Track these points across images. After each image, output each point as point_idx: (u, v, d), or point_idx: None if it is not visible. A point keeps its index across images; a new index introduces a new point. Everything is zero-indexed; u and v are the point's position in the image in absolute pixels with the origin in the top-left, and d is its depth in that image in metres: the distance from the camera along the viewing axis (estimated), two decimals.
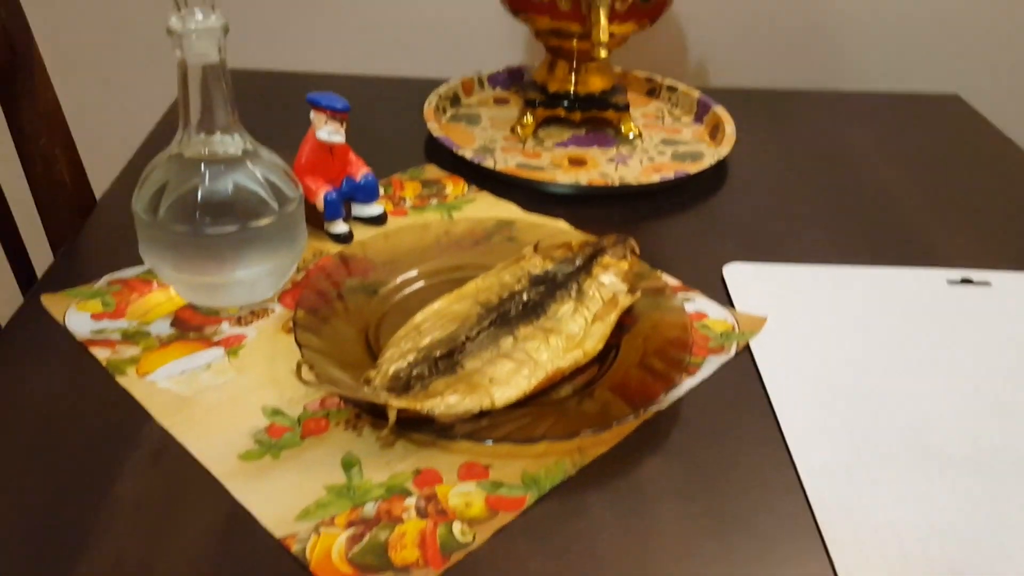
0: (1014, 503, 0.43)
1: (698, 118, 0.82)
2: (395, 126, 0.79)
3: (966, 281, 0.59)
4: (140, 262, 0.55)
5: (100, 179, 0.72)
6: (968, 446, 0.46)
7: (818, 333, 0.54)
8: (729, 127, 0.77)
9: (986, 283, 0.59)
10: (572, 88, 0.78)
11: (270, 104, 0.80)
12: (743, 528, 0.42)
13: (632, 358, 0.51)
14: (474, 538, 0.40)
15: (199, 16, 0.47)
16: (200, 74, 0.49)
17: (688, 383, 0.50)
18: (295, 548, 0.39)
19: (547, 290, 0.54)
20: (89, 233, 0.62)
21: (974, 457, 0.45)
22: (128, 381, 0.48)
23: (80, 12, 0.97)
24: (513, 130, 0.78)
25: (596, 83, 0.78)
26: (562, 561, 0.39)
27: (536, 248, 0.57)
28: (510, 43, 0.99)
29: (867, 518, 0.42)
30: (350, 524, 0.40)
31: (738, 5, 0.96)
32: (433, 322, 0.51)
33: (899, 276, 0.60)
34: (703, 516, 0.42)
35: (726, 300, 0.57)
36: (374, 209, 0.64)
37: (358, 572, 0.38)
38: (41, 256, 0.70)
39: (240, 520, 0.40)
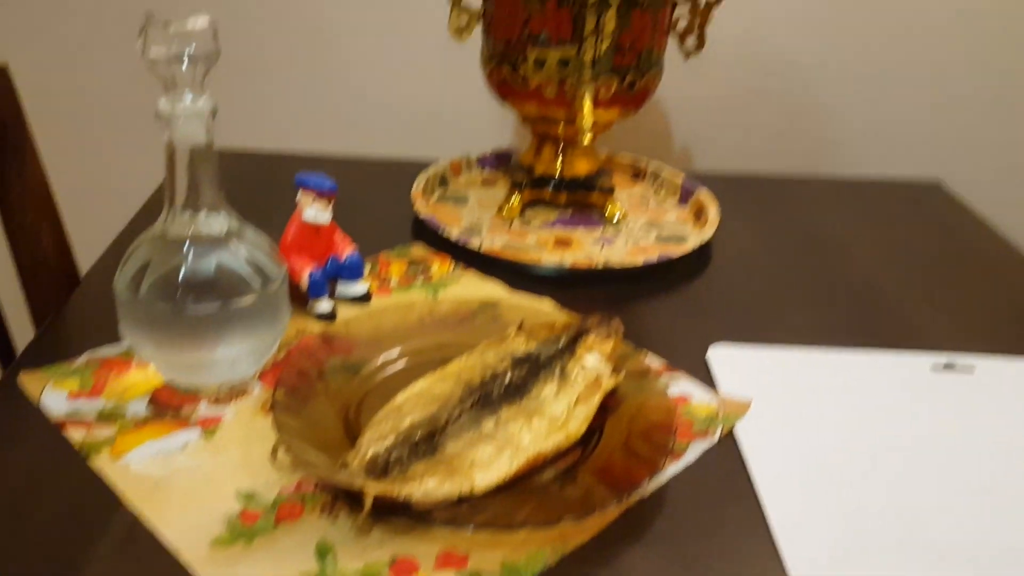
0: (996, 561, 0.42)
1: (682, 201, 0.83)
2: (384, 206, 0.80)
3: (949, 366, 0.59)
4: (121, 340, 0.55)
5: (88, 256, 0.73)
6: (958, 536, 0.45)
7: (803, 417, 0.54)
8: (712, 210, 0.78)
9: (970, 368, 0.59)
10: (558, 171, 0.79)
11: (259, 184, 0.81)
12: None
13: (616, 441, 0.51)
14: None
15: (188, 98, 0.48)
16: (187, 155, 0.50)
17: (672, 468, 0.50)
18: None
19: (530, 371, 0.53)
20: (72, 310, 0.62)
21: (964, 548, 0.45)
22: (101, 463, 0.47)
23: (72, 91, 0.99)
24: (500, 210, 0.79)
25: (582, 166, 0.79)
26: None
27: (520, 328, 0.57)
28: (498, 126, 1.01)
29: None
30: None
31: (722, 91, 0.99)
32: (414, 403, 0.50)
33: (883, 360, 0.60)
34: None
35: (710, 382, 0.57)
36: (359, 288, 0.64)
37: None
38: (23, 331, 0.69)
39: None
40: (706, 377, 0.58)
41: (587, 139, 0.69)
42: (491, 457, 0.47)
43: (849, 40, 0.97)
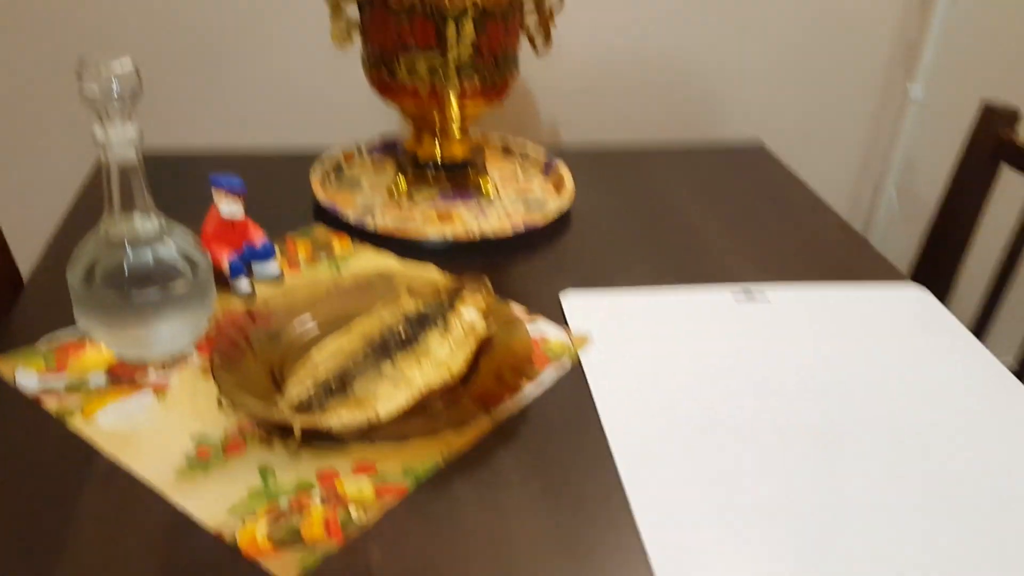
0: (799, 456, 0.58)
1: (545, 173, 0.98)
2: (288, 193, 0.92)
3: (748, 293, 0.76)
4: (70, 325, 0.66)
5: (22, 254, 0.82)
6: (754, 419, 0.62)
7: (634, 344, 0.70)
8: (568, 181, 0.92)
9: (763, 295, 0.76)
10: (438, 155, 0.92)
11: (171, 182, 0.91)
12: (571, 501, 0.55)
13: (488, 373, 0.65)
14: (366, 517, 0.52)
15: (118, 127, 0.59)
16: (120, 171, 0.61)
17: (532, 390, 0.64)
18: (227, 537, 0.50)
19: (419, 325, 0.67)
20: (24, 303, 0.72)
21: (759, 428, 0.61)
22: (76, 424, 0.58)
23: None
24: (390, 192, 0.92)
25: (458, 150, 0.92)
26: (434, 531, 0.52)
27: (410, 291, 0.71)
28: (385, 114, 1.13)
29: (665, 489, 0.56)
30: (269, 516, 0.52)
31: (575, 77, 1.13)
32: (327, 358, 0.63)
33: (698, 294, 0.76)
34: (541, 494, 0.56)
35: (563, 323, 0.72)
36: (272, 269, 0.76)
37: (276, 548, 0.50)
38: None
39: (183, 521, 0.51)
40: (560, 319, 0.73)
41: (456, 131, 0.83)
42: (390, 392, 0.60)
43: (688, 31, 1.13)
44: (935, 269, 0.91)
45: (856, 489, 0.56)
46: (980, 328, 0.88)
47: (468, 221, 0.88)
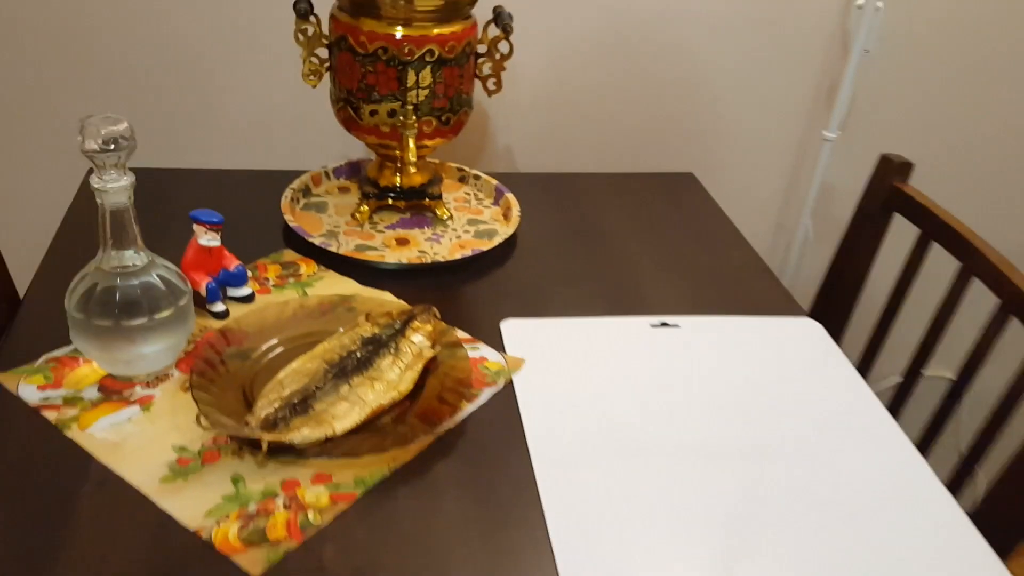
0: (693, 466, 0.69)
1: (496, 201, 1.08)
2: (259, 215, 1.00)
3: (664, 324, 0.87)
4: (66, 343, 0.75)
5: (18, 268, 0.91)
6: (663, 433, 0.72)
7: (561, 366, 0.80)
8: (515, 210, 1.02)
9: (676, 325, 0.87)
10: (398, 183, 1.01)
11: (151, 199, 1.00)
12: (496, 508, 0.66)
13: (432, 393, 0.75)
14: (322, 520, 0.63)
15: (113, 177, 0.68)
16: (114, 214, 0.70)
17: (469, 408, 0.75)
18: (204, 536, 0.60)
19: (374, 349, 0.77)
20: (20, 323, 0.80)
21: (667, 443, 0.72)
22: (73, 434, 0.67)
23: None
24: (353, 216, 1.01)
25: (416, 179, 1.02)
26: (379, 533, 0.63)
27: (367, 317, 0.80)
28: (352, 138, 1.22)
29: (576, 497, 0.67)
30: (240, 518, 0.62)
31: (526, 113, 1.23)
32: (291, 378, 0.73)
33: (620, 323, 0.87)
34: (473, 502, 0.66)
35: (501, 347, 0.82)
36: (244, 291, 0.85)
37: (245, 546, 0.60)
38: None
39: (166, 521, 0.61)
40: (498, 343, 0.83)
41: (412, 169, 0.92)
42: (346, 411, 0.70)
43: (622, 78, 1.22)
44: (832, 304, 1.02)
45: (738, 493, 0.67)
46: (871, 355, 1.00)
47: (423, 245, 0.97)
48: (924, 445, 0.93)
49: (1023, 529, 0.74)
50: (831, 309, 1.04)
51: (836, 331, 1.05)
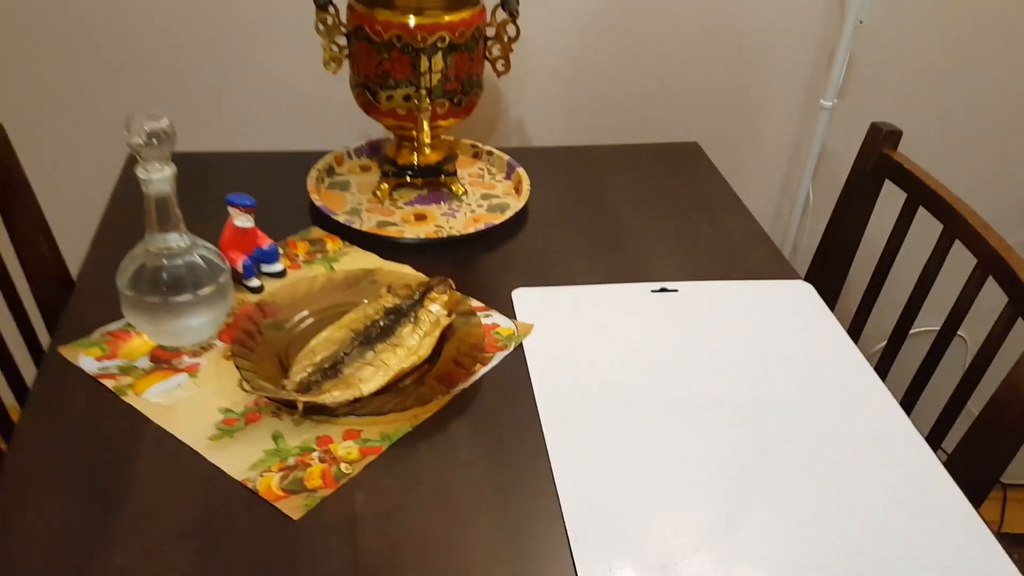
0: (690, 422, 0.76)
1: (508, 175, 1.14)
2: (288, 195, 1.08)
3: (663, 290, 0.93)
4: (118, 318, 0.83)
5: (67, 250, 0.99)
6: (666, 392, 0.79)
7: (568, 331, 0.87)
8: (526, 184, 1.09)
9: (675, 290, 0.93)
10: (415, 161, 1.08)
11: (191, 182, 1.08)
12: (506, 459, 0.73)
13: (449, 357, 0.82)
14: (352, 471, 0.70)
15: (157, 168, 0.75)
16: (157, 201, 0.77)
17: (483, 371, 0.82)
18: (249, 485, 0.68)
19: (395, 318, 0.84)
20: (76, 300, 0.89)
21: (672, 400, 0.79)
22: (129, 399, 0.76)
23: (48, 135, 1.22)
24: (374, 194, 1.08)
25: (433, 157, 1.08)
26: (402, 481, 0.70)
27: (389, 289, 0.88)
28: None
29: (580, 449, 0.74)
30: (280, 470, 0.70)
31: (536, 90, 1.28)
32: (322, 345, 0.81)
33: (623, 289, 0.93)
34: (486, 453, 0.74)
35: (512, 314, 0.89)
36: (277, 267, 0.93)
37: (286, 494, 0.68)
38: (33, 311, 0.96)
39: (216, 474, 0.70)
40: (510, 311, 0.90)
41: (427, 150, 0.99)
42: (371, 374, 0.78)
43: (627, 52, 1.27)
44: (828, 267, 1.08)
45: (732, 444, 0.74)
46: (863, 314, 1.06)
47: (440, 220, 1.04)
48: (912, 399, 0.99)
49: (994, 477, 0.80)
50: (827, 272, 1.09)
51: (832, 293, 1.11)
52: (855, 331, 1.07)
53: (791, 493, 0.70)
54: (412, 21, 0.94)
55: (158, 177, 0.76)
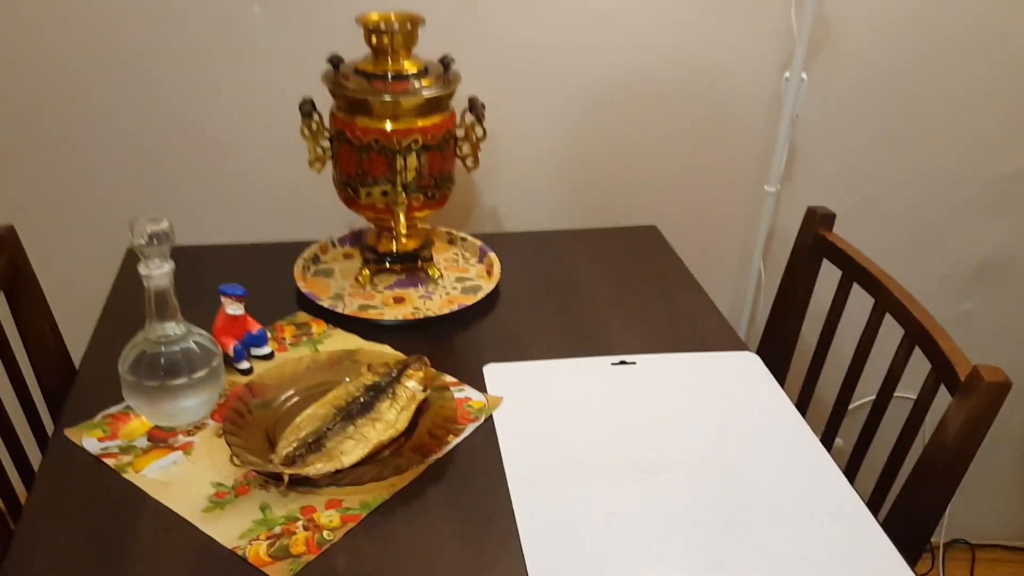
0: (646, 482, 0.83)
1: (480, 259, 1.23)
2: (278, 282, 1.16)
3: (623, 363, 1.01)
4: (117, 401, 0.91)
5: (69, 340, 1.07)
6: (628, 455, 0.86)
7: (533, 402, 0.94)
8: (496, 267, 1.18)
9: (633, 363, 1.01)
10: (394, 249, 1.17)
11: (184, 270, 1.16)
12: (478, 522, 0.80)
13: (424, 430, 0.90)
14: (334, 537, 0.77)
15: (157, 264, 0.84)
16: (157, 294, 0.85)
17: (455, 441, 0.89)
18: (240, 552, 0.75)
19: (375, 394, 0.92)
20: (79, 387, 0.96)
21: (631, 464, 0.86)
22: (129, 475, 0.82)
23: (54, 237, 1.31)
24: (356, 279, 1.17)
25: (410, 244, 1.18)
26: (381, 545, 0.77)
27: (369, 368, 0.95)
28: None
29: (546, 510, 0.81)
30: (267, 538, 0.76)
31: (504, 181, 1.39)
32: (307, 421, 0.88)
33: (587, 362, 1.01)
34: (459, 518, 0.80)
35: (483, 388, 0.97)
36: (265, 350, 1.01)
37: (274, 559, 0.74)
38: (37, 398, 1.03)
39: (209, 543, 0.76)
40: (481, 385, 0.98)
41: (403, 239, 1.08)
42: (352, 447, 0.85)
43: (591, 144, 1.39)
44: (776, 340, 1.16)
45: (683, 501, 0.81)
46: (811, 383, 1.14)
47: (417, 303, 1.13)
48: (857, 462, 1.07)
49: (927, 532, 0.87)
50: (776, 343, 1.18)
51: (783, 362, 1.19)
52: (805, 397, 1.15)
53: (732, 539, 0.77)
54: (389, 126, 1.05)
55: (158, 273, 0.84)
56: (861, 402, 1.37)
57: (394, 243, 1.17)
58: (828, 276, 1.15)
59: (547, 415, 0.93)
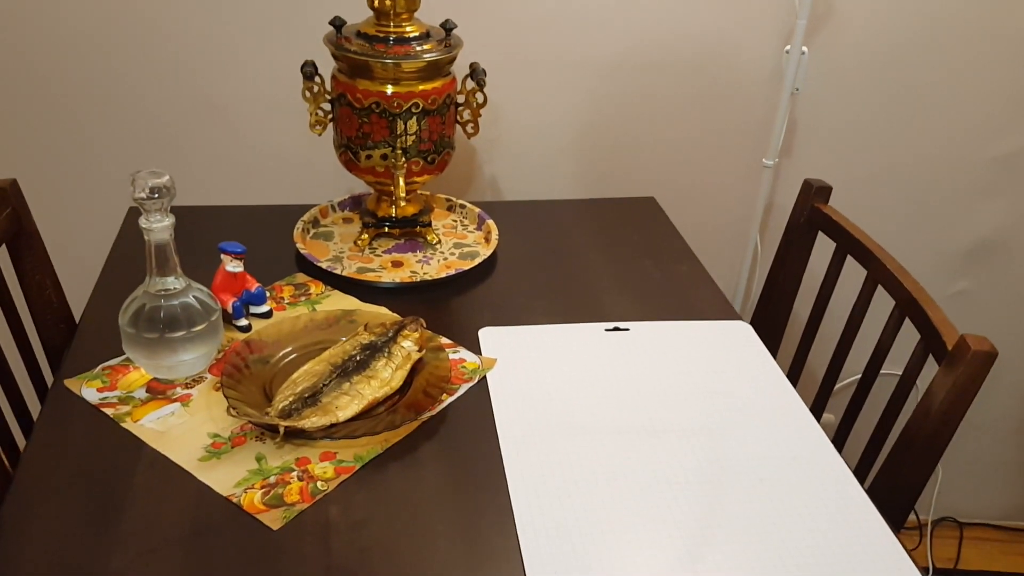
0: (634, 445, 0.85)
1: (479, 227, 1.24)
2: (276, 244, 1.17)
3: (616, 328, 1.02)
4: (117, 354, 0.92)
5: (71, 295, 1.08)
6: (617, 420, 0.88)
7: (528, 366, 0.96)
8: (494, 234, 1.19)
9: (627, 329, 1.02)
10: (393, 214, 1.18)
11: (186, 230, 1.17)
12: (466, 478, 0.81)
13: (419, 388, 0.91)
14: (328, 488, 0.78)
15: (157, 218, 0.85)
16: (157, 247, 0.86)
17: (449, 400, 0.91)
18: (234, 500, 0.76)
19: (371, 353, 0.93)
20: (79, 339, 0.97)
21: (622, 427, 0.87)
22: (128, 425, 0.84)
23: (57, 195, 1.32)
24: (355, 243, 1.18)
25: (409, 209, 1.18)
26: (372, 497, 0.78)
27: (365, 327, 0.97)
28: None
29: (534, 469, 0.82)
30: (262, 487, 0.78)
31: (503, 149, 1.40)
32: (303, 377, 0.89)
33: (580, 328, 1.02)
34: (450, 473, 0.82)
35: (478, 351, 0.98)
36: (264, 308, 1.02)
37: (267, 507, 0.76)
38: (38, 351, 1.05)
39: (204, 491, 0.77)
40: (476, 347, 0.99)
41: (403, 203, 1.09)
42: (347, 403, 0.86)
43: (591, 114, 1.39)
44: (771, 311, 1.17)
45: (671, 464, 0.82)
46: (803, 353, 1.15)
47: (414, 267, 1.14)
48: (846, 431, 1.08)
49: (910, 500, 0.88)
50: (770, 314, 1.19)
51: (776, 332, 1.20)
52: (797, 366, 1.16)
53: (721, 502, 0.78)
54: (389, 90, 1.05)
55: (159, 226, 0.85)
56: (851, 380, 1.39)
57: (393, 208, 1.17)
58: (823, 249, 1.16)
59: (540, 378, 0.94)
